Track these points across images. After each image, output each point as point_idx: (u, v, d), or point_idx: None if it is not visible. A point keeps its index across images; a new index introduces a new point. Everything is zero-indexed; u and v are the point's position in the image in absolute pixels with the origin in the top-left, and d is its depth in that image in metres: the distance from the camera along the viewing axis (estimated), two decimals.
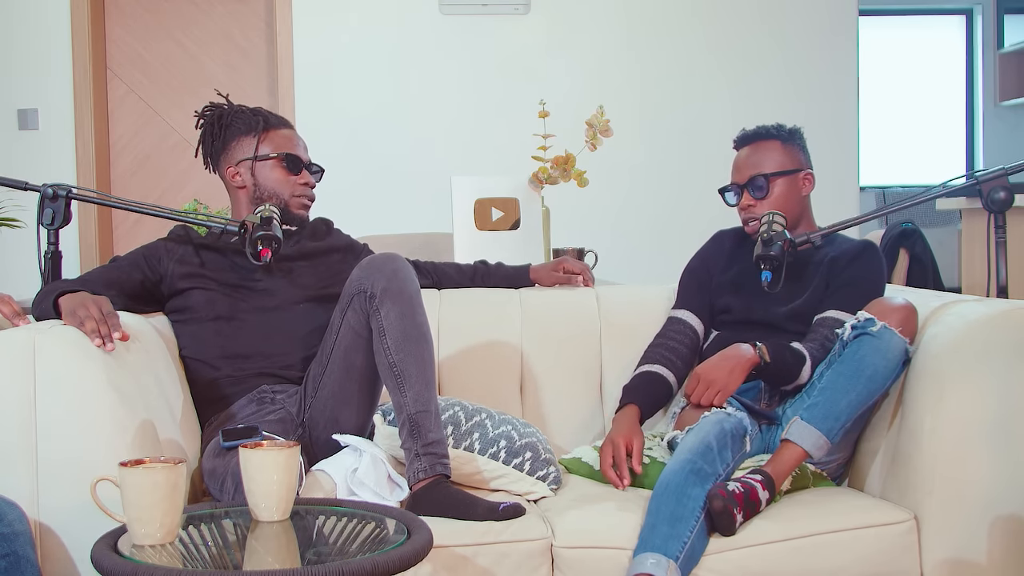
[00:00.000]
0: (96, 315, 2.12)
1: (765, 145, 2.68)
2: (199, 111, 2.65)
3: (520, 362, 2.77)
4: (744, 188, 2.66)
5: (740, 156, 2.71)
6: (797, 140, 2.71)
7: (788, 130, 2.71)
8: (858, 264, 2.57)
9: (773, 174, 2.63)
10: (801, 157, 2.70)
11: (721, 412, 2.29)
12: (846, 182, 5.90)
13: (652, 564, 2.02)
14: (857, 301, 2.46)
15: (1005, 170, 2.59)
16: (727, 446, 2.21)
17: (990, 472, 2.19)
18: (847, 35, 5.89)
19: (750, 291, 2.63)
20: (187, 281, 2.50)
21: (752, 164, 2.66)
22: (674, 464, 2.17)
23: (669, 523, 2.07)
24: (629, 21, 5.77)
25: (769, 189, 2.63)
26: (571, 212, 4.62)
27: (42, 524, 1.98)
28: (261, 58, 5.70)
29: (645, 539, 2.06)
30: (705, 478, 2.13)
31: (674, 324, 2.69)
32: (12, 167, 5.13)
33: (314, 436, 2.35)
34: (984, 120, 8.82)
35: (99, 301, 2.17)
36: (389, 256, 2.32)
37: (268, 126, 2.60)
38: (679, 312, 2.71)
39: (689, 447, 2.20)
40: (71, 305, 2.17)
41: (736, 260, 2.72)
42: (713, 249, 2.78)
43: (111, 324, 2.12)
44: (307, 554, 1.76)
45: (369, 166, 5.57)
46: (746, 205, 2.66)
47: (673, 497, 2.10)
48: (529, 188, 3.22)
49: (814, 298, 2.57)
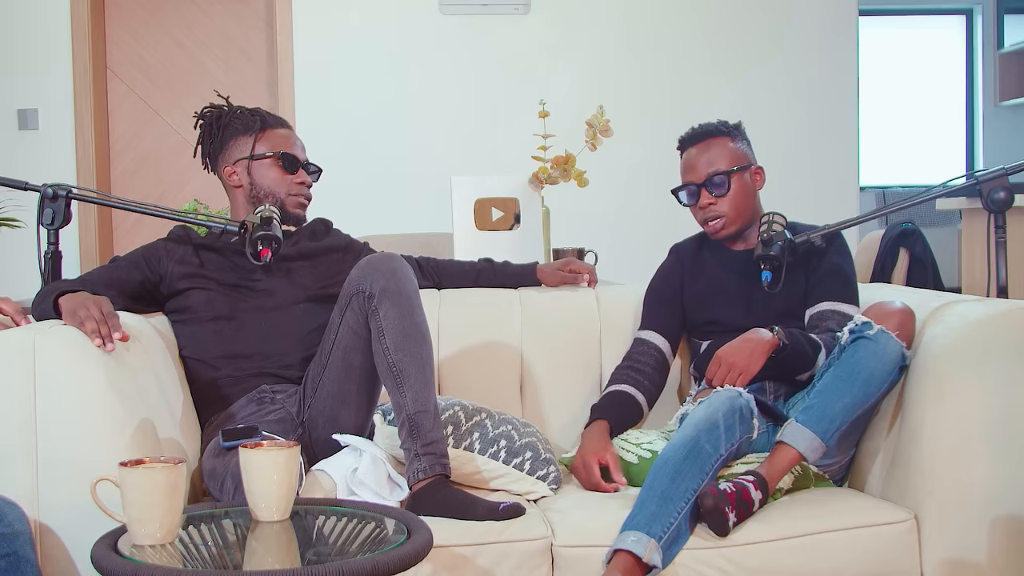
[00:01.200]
0: (96, 315, 2.12)
1: (715, 142, 2.65)
2: (198, 112, 2.65)
3: (520, 362, 2.77)
4: (702, 187, 2.63)
5: (690, 156, 2.67)
6: (743, 135, 2.70)
7: (733, 125, 2.69)
8: (834, 250, 2.59)
9: (730, 170, 2.61)
10: (748, 151, 2.69)
11: (733, 390, 2.28)
12: (846, 182, 5.90)
13: (633, 542, 2.03)
14: (844, 288, 2.54)
15: (1005, 170, 2.59)
16: (735, 425, 2.21)
17: (990, 472, 2.19)
18: (847, 35, 5.89)
19: (727, 298, 2.62)
20: (187, 281, 2.50)
21: (706, 162, 2.64)
22: (677, 439, 2.19)
23: (659, 502, 2.08)
24: (629, 21, 5.77)
25: (729, 186, 2.61)
26: (571, 212, 4.62)
27: (42, 524, 1.98)
28: (261, 58, 5.70)
29: (633, 516, 2.08)
30: (705, 459, 2.14)
31: (639, 346, 2.67)
32: (12, 167, 5.12)
33: (314, 436, 2.35)
34: (984, 120, 8.82)
35: (99, 301, 2.17)
36: (387, 256, 2.33)
37: (265, 126, 2.60)
38: (643, 333, 2.69)
39: (696, 421, 2.21)
40: (71, 305, 2.17)
41: (701, 270, 2.70)
42: (673, 265, 2.75)
43: (111, 324, 2.12)
44: (307, 554, 1.76)
45: (369, 166, 5.58)
46: (706, 204, 2.63)
47: (668, 476, 2.12)
48: (529, 188, 3.22)
49: (797, 292, 2.57)
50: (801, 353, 2.41)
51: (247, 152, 2.58)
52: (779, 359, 2.40)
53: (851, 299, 2.55)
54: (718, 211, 2.62)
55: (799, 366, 2.44)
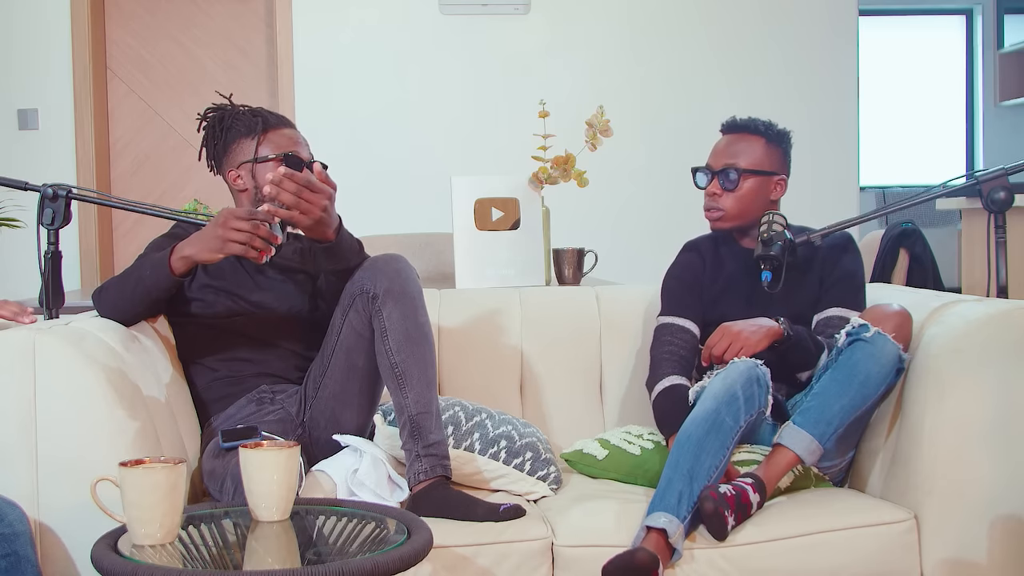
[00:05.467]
0: (247, 228, 2.15)
1: (748, 138, 2.62)
2: (201, 113, 2.64)
3: (520, 362, 2.77)
4: (715, 175, 2.62)
5: (721, 142, 2.66)
6: (783, 143, 2.65)
7: (777, 131, 2.64)
8: (848, 258, 2.58)
9: (746, 171, 2.59)
10: (781, 161, 2.64)
11: (750, 360, 2.28)
12: (846, 182, 5.90)
13: (665, 521, 2.07)
14: (854, 295, 2.54)
15: (1005, 170, 2.59)
16: (753, 395, 2.23)
17: (990, 472, 2.19)
18: (847, 35, 5.89)
19: (744, 296, 2.61)
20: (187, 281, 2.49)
21: (730, 154, 2.61)
22: (698, 413, 2.21)
23: (685, 480, 2.12)
24: (630, 21, 5.77)
25: (739, 184, 2.59)
26: (571, 212, 4.62)
27: (42, 524, 1.98)
28: (261, 58, 5.70)
29: (661, 495, 2.12)
30: (726, 433, 2.18)
31: (677, 333, 2.58)
32: (12, 167, 5.13)
33: (314, 436, 2.35)
34: (984, 120, 8.82)
35: (234, 212, 2.18)
36: (391, 257, 2.32)
37: (267, 127, 2.57)
38: (674, 319, 2.60)
39: (715, 393, 2.22)
40: (205, 235, 2.19)
41: (719, 268, 2.68)
42: (692, 259, 2.70)
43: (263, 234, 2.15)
44: (307, 554, 1.76)
45: (369, 166, 5.57)
46: (712, 192, 2.62)
47: (692, 452, 2.16)
48: (529, 188, 3.22)
49: (811, 295, 2.57)
50: (804, 348, 2.41)
51: (250, 155, 2.54)
52: (781, 350, 2.39)
53: (860, 307, 2.54)
54: (720, 204, 2.61)
55: (800, 362, 2.43)
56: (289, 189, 2.17)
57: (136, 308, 2.32)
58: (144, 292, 2.29)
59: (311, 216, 2.20)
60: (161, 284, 2.27)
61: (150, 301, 2.31)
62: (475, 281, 3.13)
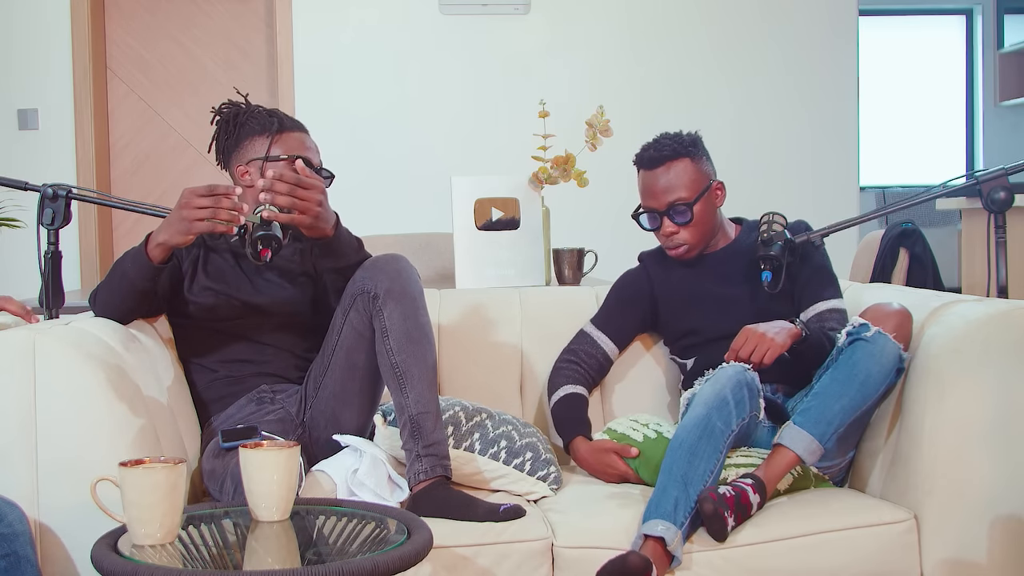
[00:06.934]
0: (208, 204, 2.15)
1: (676, 165, 2.57)
2: (216, 108, 2.63)
3: (520, 362, 2.77)
4: (664, 215, 2.58)
5: (651, 179, 2.59)
6: (700, 148, 2.62)
7: (692, 142, 2.61)
8: (811, 250, 2.57)
9: (694, 200, 2.56)
10: (709, 167, 2.63)
11: (738, 365, 2.28)
12: (846, 182, 5.90)
13: (663, 529, 2.06)
14: (831, 285, 2.56)
15: (1005, 170, 2.59)
16: (744, 400, 2.23)
17: (990, 472, 2.19)
18: (847, 35, 5.89)
19: (708, 306, 2.60)
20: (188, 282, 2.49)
21: (668, 189, 2.56)
22: (689, 420, 2.21)
23: (680, 486, 2.11)
24: (630, 21, 5.76)
25: (692, 214, 2.56)
26: (571, 212, 4.62)
27: (42, 524, 1.98)
28: (261, 58, 5.70)
29: (657, 503, 2.11)
30: (718, 437, 2.17)
31: (587, 344, 2.66)
32: (12, 167, 5.12)
33: (314, 436, 2.35)
34: (984, 120, 8.82)
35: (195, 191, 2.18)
36: (392, 256, 2.32)
37: (282, 128, 2.56)
38: (594, 332, 2.67)
39: (705, 399, 2.22)
40: (171, 220, 2.18)
41: (670, 279, 2.66)
42: (638, 276, 2.71)
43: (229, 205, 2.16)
44: (307, 554, 1.76)
45: (369, 166, 5.57)
46: (669, 232, 2.59)
47: (685, 458, 2.15)
48: (529, 188, 3.22)
49: (781, 294, 2.53)
50: (820, 345, 2.40)
51: (262, 153, 2.53)
52: (800, 349, 2.39)
53: (839, 294, 2.58)
54: (680, 239, 2.60)
55: (818, 360, 2.40)
56: (282, 190, 2.20)
57: (127, 303, 2.32)
58: (130, 285, 2.29)
59: (310, 213, 2.23)
60: (144, 274, 2.27)
61: (138, 294, 2.31)
62: (475, 281, 3.13)
